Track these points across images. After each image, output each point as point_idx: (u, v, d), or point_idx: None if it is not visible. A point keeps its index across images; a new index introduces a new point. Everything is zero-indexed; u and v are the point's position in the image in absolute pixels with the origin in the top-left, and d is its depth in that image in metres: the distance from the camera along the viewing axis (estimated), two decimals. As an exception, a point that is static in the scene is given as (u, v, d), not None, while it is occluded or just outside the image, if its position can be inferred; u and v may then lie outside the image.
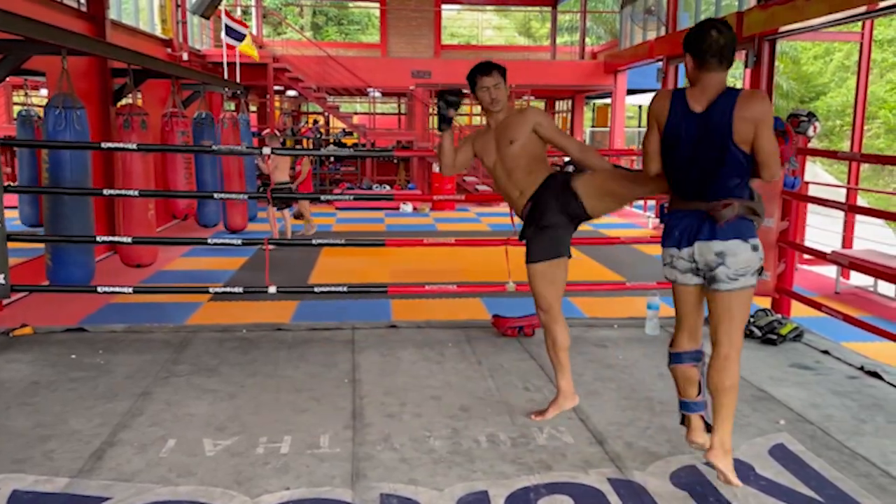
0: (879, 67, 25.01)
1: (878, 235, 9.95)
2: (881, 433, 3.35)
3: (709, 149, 2.66)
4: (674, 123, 2.71)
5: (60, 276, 5.74)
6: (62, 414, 3.49)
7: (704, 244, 2.72)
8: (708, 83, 2.67)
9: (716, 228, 2.70)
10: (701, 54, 2.64)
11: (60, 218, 5.66)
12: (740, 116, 2.60)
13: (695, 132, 2.67)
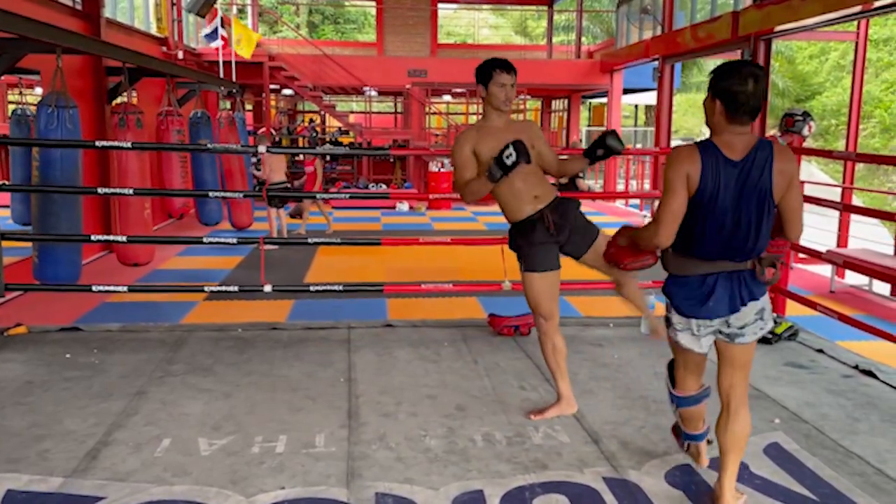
0: (875, 67, 25.07)
1: (873, 235, 9.97)
2: (876, 432, 3.36)
3: (749, 203, 2.43)
4: (712, 175, 2.42)
5: (47, 273, 5.72)
6: (57, 413, 3.48)
7: (750, 306, 2.54)
8: (740, 133, 2.44)
9: (754, 287, 2.54)
10: (734, 106, 2.40)
11: (49, 216, 5.63)
12: (779, 170, 2.42)
13: (734, 185, 2.42)
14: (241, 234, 10.52)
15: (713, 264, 2.53)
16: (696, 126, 32.67)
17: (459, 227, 12.77)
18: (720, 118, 2.45)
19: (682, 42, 12.75)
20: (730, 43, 11.08)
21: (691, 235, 2.51)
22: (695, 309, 2.57)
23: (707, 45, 11.86)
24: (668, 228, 2.50)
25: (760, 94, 2.38)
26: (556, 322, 3.45)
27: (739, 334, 2.59)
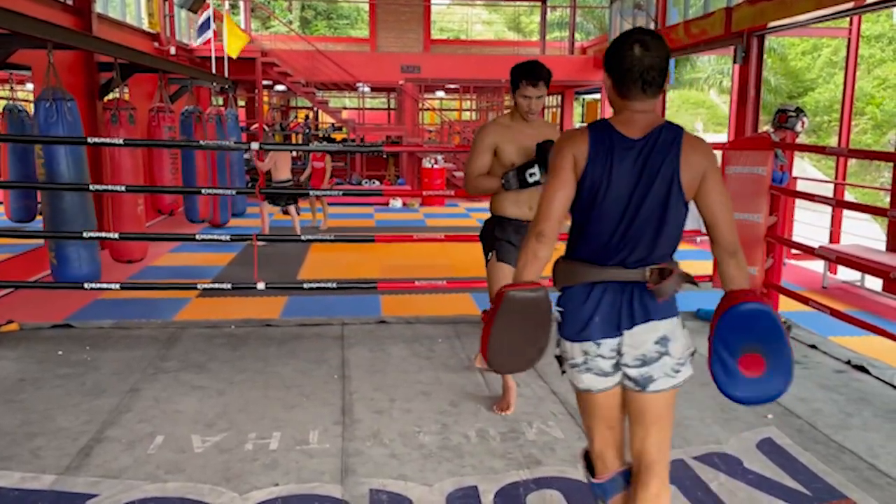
0: (867, 63, 25.17)
1: (865, 231, 10.02)
2: (868, 427, 3.38)
3: (649, 193, 1.95)
4: (602, 157, 1.96)
5: (66, 273, 5.65)
6: (49, 411, 3.47)
7: (639, 328, 1.99)
8: (635, 110, 2.00)
9: (651, 305, 1.99)
10: (622, 77, 1.96)
11: (58, 213, 5.59)
12: (688, 161, 1.96)
13: (630, 168, 1.95)
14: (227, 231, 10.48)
15: (603, 270, 2.00)
16: (689, 122, 32.75)
17: (453, 223, 12.77)
18: (614, 95, 2.02)
19: (675, 38, 12.76)
20: (723, 39, 11.09)
21: (579, 233, 2.04)
22: (577, 329, 2.03)
23: (700, 41, 11.87)
24: (550, 221, 1.98)
25: (654, 62, 1.93)
26: None
27: (648, 378, 2.01)
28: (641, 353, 2.00)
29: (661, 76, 1.96)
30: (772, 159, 4.85)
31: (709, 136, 30.03)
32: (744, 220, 4.89)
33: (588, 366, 2.04)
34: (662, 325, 2.00)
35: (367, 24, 21.80)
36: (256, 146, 5.08)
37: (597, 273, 2.01)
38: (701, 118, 33.00)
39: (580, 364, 2.05)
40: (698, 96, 33.02)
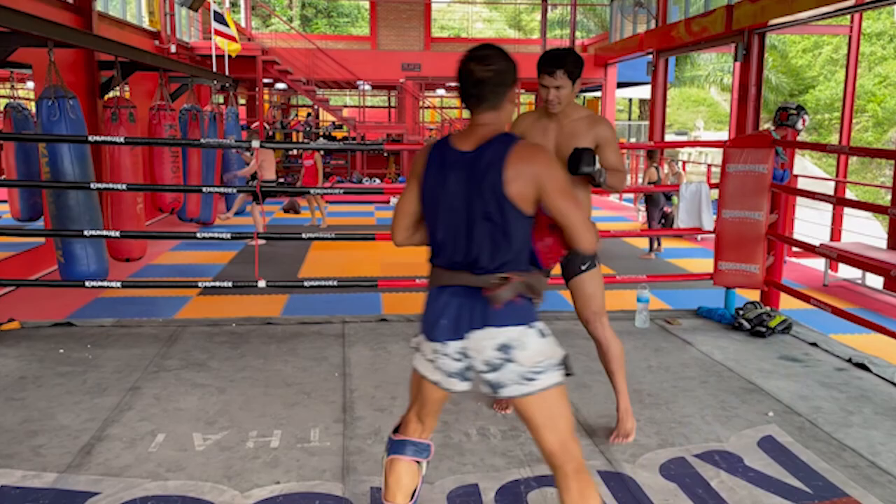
0: (868, 61, 25.14)
1: (866, 228, 10.02)
2: (869, 424, 3.38)
3: (478, 204, 2.03)
4: (435, 169, 2.10)
5: (73, 272, 5.65)
6: (50, 409, 3.47)
7: (478, 333, 2.06)
8: (475, 123, 2.09)
9: (490, 313, 2.05)
10: (461, 92, 2.09)
11: (64, 210, 5.59)
12: (516, 172, 2.00)
13: (462, 181, 2.05)
14: (228, 229, 10.48)
15: (453, 275, 2.11)
16: (690, 120, 32.73)
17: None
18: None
19: (676, 36, 12.75)
20: (724, 37, 11.09)
21: (431, 240, 2.16)
22: (426, 327, 2.15)
23: (701, 38, 11.86)
24: (396, 226, 2.23)
25: (486, 77, 2.03)
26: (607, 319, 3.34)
27: (499, 384, 2.07)
28: (484, 358, 2.07)
29: (495, 91, 2.05)
30: (773, 157, 4.84)
31: (710, 134, 30.03)
32: (745, 217, 4.89)
33: (436, 364, 2.15)
34: (503, 332, 2.05)
35: (368, 22, 21.80)
36: (257, 144, 5.08)
37: (448, 278, 2.12)
38: (702, 116, 32.99)
39: (430, 359, 2.17)
40: (699, 94, 33.00)
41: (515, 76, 2.11)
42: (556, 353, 2.12)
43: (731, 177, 4.91)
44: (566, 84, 3.00)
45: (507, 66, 2.07)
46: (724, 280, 5.07)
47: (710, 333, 4.80)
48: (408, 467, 2.28)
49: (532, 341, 2.08)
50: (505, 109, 2.11)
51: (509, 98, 2.10)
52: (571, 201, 2.06)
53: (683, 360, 4.25)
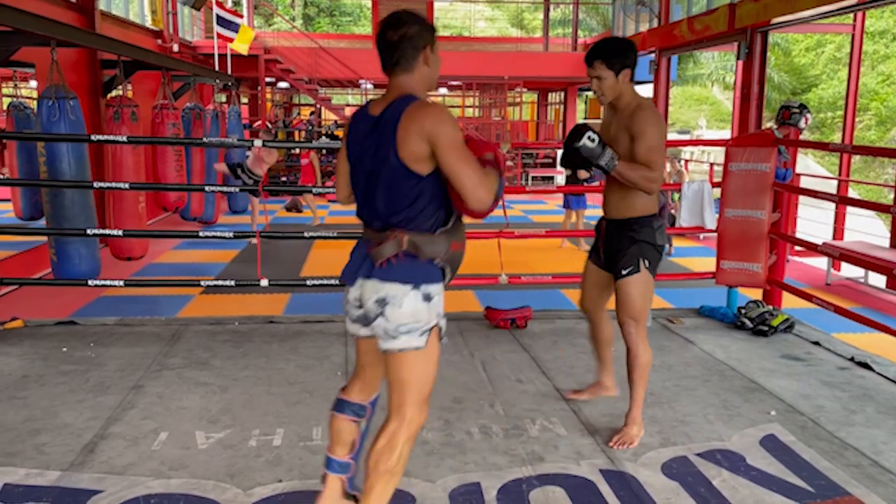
0: (871, 59, 25.10)
1: (868, 227, 10.00)
2: (871, 423, 3.38)
3: (378, 163, 2.13)
4: (352, 131, 2.25)
5: (66, 270, 5.67)
6: (53, 407, 3.48)
7: (367, 283, 2.17)
8: (389, 87, 2.21)
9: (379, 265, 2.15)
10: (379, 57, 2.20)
11: (60, 210, 5.60)
12: (406, 128, 2.06)
13: (370, 142, 2.16)
14: (230, 228, 10.49)
15: (364, 229, 2.27)
16: (693, 119, 32.70)
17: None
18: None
19: (679, 34, 12.74)
20: (726, 35, 11.08)
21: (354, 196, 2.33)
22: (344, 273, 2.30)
23: (703, 37, 11.86)
24: (336, 185, 2.43)
25: (391, 40, 2.14)
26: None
27: (374, 334, 2.19)
28: (368, 307, 2.17)
29: (405, 54, 2.14)
30: (775, 156, 4.84)
31: (712, 132, 29.99)
32: (747, 216, 4.88)
33: (346, 310, 2.30)
34: (385, 287, 2.14)
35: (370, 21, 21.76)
36: (259, 143, 5.08)
37: (363, 231, 2.28)
38: (704, 115, 32.95)
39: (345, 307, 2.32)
40: (701, 93, 32.97)
41: (428, 39, 2.18)
42: (429, 320, 2.18)
43: (734, 175, 4.91)
44: (606, 74, 3.00)
45: (419, 30, 2.15)
46: (726, 279, 5.07)
47: (712, 332, 4.80)
48: (346, 424, 2.41)
49: (409, 302, 2.14)
50: (418, 71, 2.18)
51: (422, 60, 2.18)
52: (462, 157, 2.08)
53: (686, 359, 4.25)
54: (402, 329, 2.14)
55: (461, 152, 2.08)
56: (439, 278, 2.20)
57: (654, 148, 2.98)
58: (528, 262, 7.83)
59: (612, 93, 3.05)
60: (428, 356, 2.21)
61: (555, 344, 4.53)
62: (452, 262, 2.23)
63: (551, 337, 4.68)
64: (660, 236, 3.16)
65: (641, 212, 3.14)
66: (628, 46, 3.05)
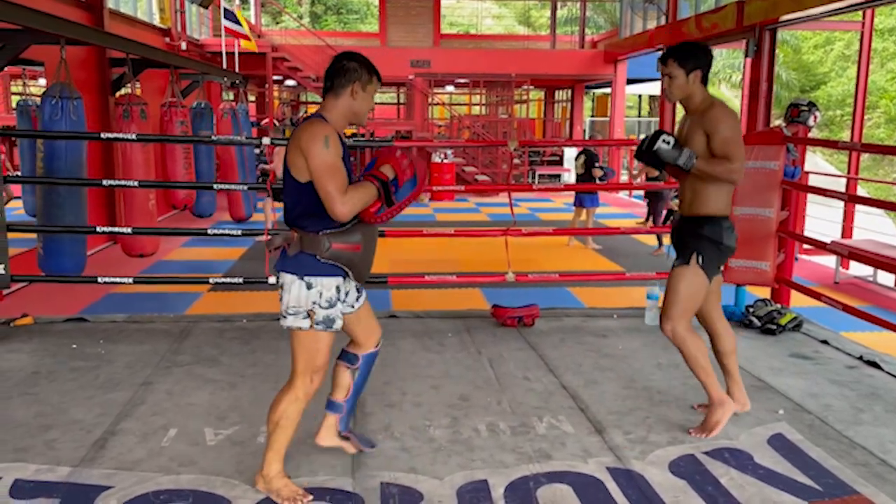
0: (880, 57, 24.96)
1: (877, 225, 9.96)
2: (879, 422, 3.37)
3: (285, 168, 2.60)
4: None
5: (52, 265, 5.73)
6: (63, 404, 3.50)
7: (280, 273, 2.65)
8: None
9: (282, 258, 2.63)
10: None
11: (53, 207, 5.65)
12: (294, 139, 2.53)
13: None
14: (240, 226, 10.52)
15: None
16: (701, 117, 32.52)
17: (462, 218, 12.77)
18: None
19: (687, 32, 12.70)
20: (734, 33, 11.04)
21: None
22: None
23: (711, 34, 11.82)
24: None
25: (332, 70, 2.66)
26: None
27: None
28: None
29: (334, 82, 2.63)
30: (784, 154, 4.82)
31: (720, 130, 29.74)
32: (755, 214, 4.87)
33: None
34: (283, 276, 2.63)
35: (377, 19, 21.79)
36: (267, 141, 5.10)
37: None
38: (712, 112, 32.76)
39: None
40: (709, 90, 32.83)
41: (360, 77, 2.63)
42: (307, 306, 2.59)
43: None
44: (677, 73, 3.10)
45: (353, 67, 2.64)
46: (734, 277, 5.06)
47: (720, 331, 4.79)
48: (341, 370, 2.94)
49: (295, 289, 2.59)
50: (343, 98, 2.61)
51: (350, 91, 2.61)
52: (323, 174, 2.45)
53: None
54: (289, 311, 2.61)
55: (323, 169, 2.45)
56: (327, 272, 2.59)
57: (729, 139, 3.05)
58: (536, 260, 7.82)
59: (681, 92, 3.15)
60: (311, 336, 2.63)
61: (562, 342, 4.54)
62: (340, 259, 2.59)
63: (558, 335, 4.68)
64: (728, 236, 3.19)
65: (713, 211, 3.19)
66: (703, 50, 3.17)
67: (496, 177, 17.07)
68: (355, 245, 2.61)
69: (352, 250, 2.61)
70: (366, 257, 2.68)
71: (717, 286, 3.40)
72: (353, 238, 2.60)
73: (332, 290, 2.61)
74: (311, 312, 2.59)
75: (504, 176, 16.77)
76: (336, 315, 2.65)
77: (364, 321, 2.89)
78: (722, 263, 3.28)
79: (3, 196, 4.52)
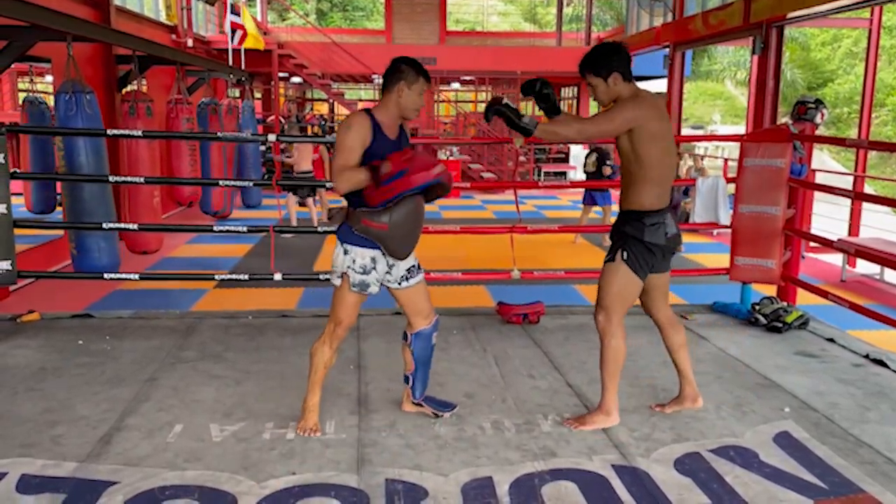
0: (888, 54, 24.84)
1: (885, 223, 9.91)
2: (886, 421, 3.36)
3: None
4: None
5: (85, 263, 5.72)
6: (69, 399, 3.51)
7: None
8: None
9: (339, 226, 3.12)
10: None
11: (79, 203, 5.64)
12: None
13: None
14: (244, 223, 10.53)
15: None
16: (707, 114, 32.49)
17: (468, 215, 12.76)
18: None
19: (693, 29, 12.66)
20: (741, 30, 11.00)
21: None
22: None
23: (718, 31, 11.77)
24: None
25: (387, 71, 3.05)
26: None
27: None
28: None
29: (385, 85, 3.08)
30: (790, 151, 4.81)
31: (726, 127, 29.80)
32: (762, 212, 4.86)
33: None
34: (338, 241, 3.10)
35: (383, 16, 21.77)
36: (273, 138, 5.10)
37: None
38: (718, 110, 32.75)
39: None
40: (716, 88, 32.75)
41: (406, 76, 3.00)
42: (342, 268, 3.07)
43: (748, 171, 4.88)
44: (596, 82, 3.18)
45: (401, 68, 3.01)
46: (740, 275, 5.05)
47: (725, 328, 4.78)
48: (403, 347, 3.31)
49: (337, 253, 3.09)
50: (391, 95, 3.04)
51: (397, 89, 3.01)
52: (336, 152, 2.96)
53: (699, 356, 4.24)
54: (332, 270, 3.11)
55: (336, 148, 2.97)
56: (362, 243, 3.02)
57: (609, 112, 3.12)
58: (541, 258, 7.81)
59: (607, 97, 3.18)
60: (340, 293, 3.12)
61: (567, 339, 4.53)
62: (369, 234, 2.98)
63: (563, 332, 4.68)
64: (651, 233, 3.14)
65: (637, 206, 3.17)
66: (612, 50, 3.17)
67: (502, 174, 17.06)
68: (382, 225, 2.95)
69: (378, 228, 2.96)
70: (396, 237, 3.00)
71: (663, 282, 3.38)
72: (381, 218, 2.94)
73: (366, 259, 3.03)
74: (345, 275, 3.05)
75: (510, 173, 16.76)
76: (371, 281, 3.07)
77: (411, 301, 3.21)
78: (656, 261, 3.22)
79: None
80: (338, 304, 3.12)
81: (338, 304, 3.12)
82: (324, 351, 3.14)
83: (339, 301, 3.11)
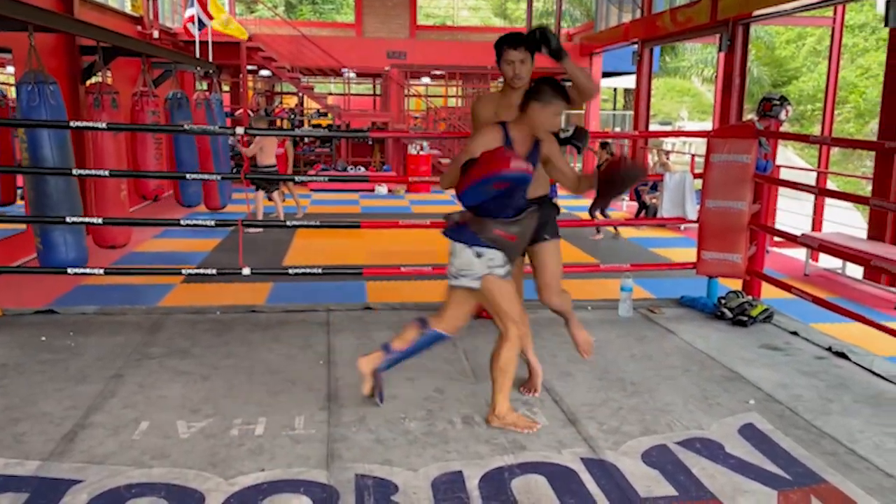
0: (850, 52, 25.31)
1: (846, 219, 10.12)
2: (847, 412, 3.43)
3: None
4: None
5: (52, 259, 5.58)
6: (32, 396, 3.45)
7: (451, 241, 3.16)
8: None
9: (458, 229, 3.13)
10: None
11: (43, 197, 5.51)
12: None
13: None
14: (216, 216, 10.41)
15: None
16: (675, 110, 32.84)
17: (438, 210, 12.75)
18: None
19: (662, 26, 12.78)
20: (708, 27, 11.13)
21: None
22: None
23: (686, 28, 11.90)
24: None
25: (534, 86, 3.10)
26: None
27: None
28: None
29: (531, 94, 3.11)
30: (756, 147, 4.88)
31: (693, 124, 30.14)
32: (728, 207, 4.92)
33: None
34: (453, 244, 3.13)
35: (353, 10, 21.62)
36: (241, 131, 5.04)
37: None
38: (686, 106, 33.11)
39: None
40: (683, 84, 33.09)
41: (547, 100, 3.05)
42: (478, 272, 3.08)
43: (715, 167, 4.94)
44: (528, 58, 3.34)
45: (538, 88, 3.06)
46: (706, 269, 5.12)
47: (692, 322, 4.85)
48: (411, 328, 3.35)
49: (457, 253, 3.10)
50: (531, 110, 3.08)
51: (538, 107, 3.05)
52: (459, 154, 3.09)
53: (666, 349, 4.29)
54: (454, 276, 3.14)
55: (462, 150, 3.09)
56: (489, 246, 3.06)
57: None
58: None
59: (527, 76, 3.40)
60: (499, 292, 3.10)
61: (537, 334, 4.53)
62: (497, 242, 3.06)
63: (533, 327, 4.66)
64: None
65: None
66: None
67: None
68: (511, 235, 3.08)
69: (507, 238, 3.08)
70: (518, 246, 3.18)
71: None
72: (511, 229, 3.07)
73: (497, 255, 3.08)
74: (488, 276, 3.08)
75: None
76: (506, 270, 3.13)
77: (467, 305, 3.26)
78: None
79: None
80: (502, 302, 3.10)
81: (502, 302, 3.10)
82: (515, 351, 3.15)
83: (500, 299, 3.10)
